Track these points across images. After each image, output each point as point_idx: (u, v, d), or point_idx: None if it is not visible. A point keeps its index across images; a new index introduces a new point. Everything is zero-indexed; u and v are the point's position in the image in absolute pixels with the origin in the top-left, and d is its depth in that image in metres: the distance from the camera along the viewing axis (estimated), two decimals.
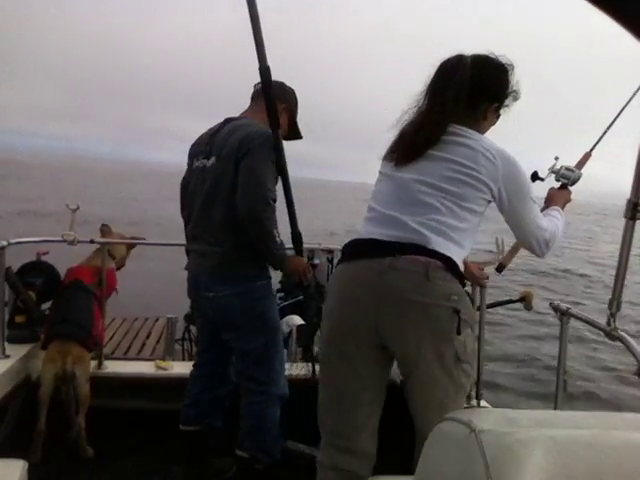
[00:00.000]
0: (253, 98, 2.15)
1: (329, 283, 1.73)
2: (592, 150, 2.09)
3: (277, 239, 1.95)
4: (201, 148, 2.09)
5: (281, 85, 2.13)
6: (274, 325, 2.13)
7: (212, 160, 2.01)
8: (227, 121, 2.10)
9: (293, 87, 2.19)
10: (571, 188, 1.92)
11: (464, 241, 1.51)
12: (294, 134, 2.18)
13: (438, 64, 1.58)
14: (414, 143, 1.53)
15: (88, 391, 2.50)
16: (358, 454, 1.56)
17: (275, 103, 1.98)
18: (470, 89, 1.53)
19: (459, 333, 1.43)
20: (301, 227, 2.18)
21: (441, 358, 1.45)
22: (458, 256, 1.49)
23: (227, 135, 2.01)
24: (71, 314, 2.62)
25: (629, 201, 1.60)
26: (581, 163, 2.01)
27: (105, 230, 3.05)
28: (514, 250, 2.06)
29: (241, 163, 1.92)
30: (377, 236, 1.50)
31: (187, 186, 2.16)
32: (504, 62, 1.61)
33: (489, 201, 1.54)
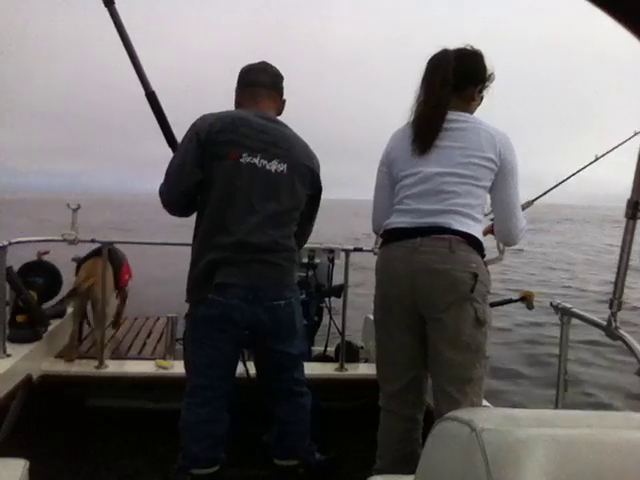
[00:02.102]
0: (262, 90, 1.98)
1: (377, 263, 1.92)
2: (534, 200, 2.48)
3: None
4: (252, 144, 1.86)
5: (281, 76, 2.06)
6: None
7: (280, 166, 1.88)
8: (264, 117, 1.92)
9: (286, 102, 2.11)
10: None
11: (480, 214, 1.80)
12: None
13: (427, 60, 1.84)
14: (424, 131, 1.81)
15: (108, 309, 3.09)
16: (403, 399, 1.89)
17: (169, 126, 2.16)
18: (457, 75, 1.80)
19: (472, 291, 1.70)
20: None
21: (464, 319, 1.71)
22: (477, 229, 1.78)
23: (289, 142, 1.93)
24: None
25: (630, 200, 1.61)
26: (522, 207, 2.26)
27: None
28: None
29: (318, 188, 2.03)
30: (409, 224, 1.79)
31: (232, 179, 1.85)
32: (480, 51, 1.90)
33: (496, 173, 1.79)
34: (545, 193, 2.63)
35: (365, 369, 2.97)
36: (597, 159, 2.64)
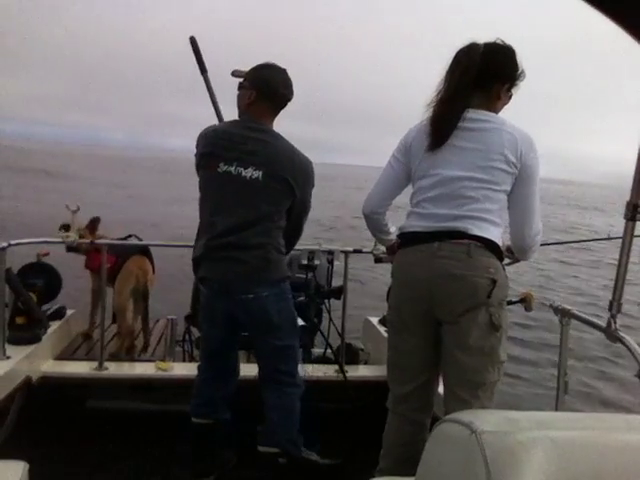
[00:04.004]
0: (258, 98, 2.07)
1: (393, 266, 1.91)
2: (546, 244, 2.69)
3: None
4: (230, 154, 2.05)
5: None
6: (297, 323, 2.28)
7: (256, 173, 2.02)
8: (251, 128, 2.07)
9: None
10: None
11: (499, 218, 1.77)
12: None
13: (455, 52, 1.78)
14: (440, 127, 1.77)
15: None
16: (412, 402, 1.88)
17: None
18: (482, 72, 1.74)
19: (490, 297, 1.69)
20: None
21: (479, 324, 1.70)
22: (496, 234, 1.75)
23: (269, 151, 2.04)
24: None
25: (629, 202, 1.61)
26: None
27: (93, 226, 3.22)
28: None
29: (301, 194, 2.10)
30: (427, 229, 1.77)
31: (209, 187, 2.12)
32: (511, 47, 1.80)
33: (516, 177, 1.74)
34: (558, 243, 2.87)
35: (365, 371, 2.97)
36: (610, 238, 2.86)
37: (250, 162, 2.03)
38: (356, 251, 2.96)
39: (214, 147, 2.09)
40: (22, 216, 12.23)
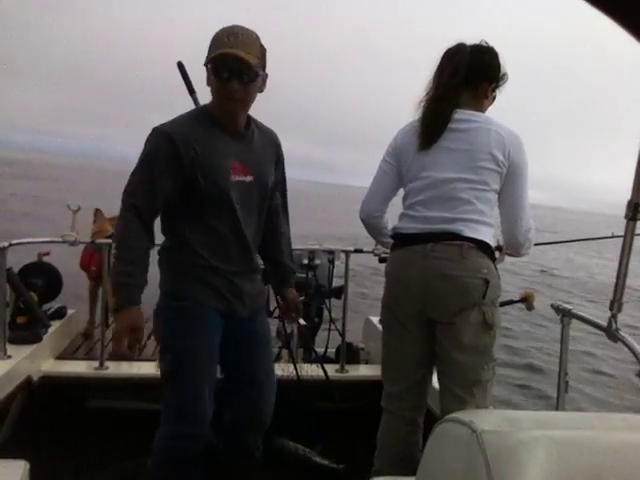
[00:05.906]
0: None
1: (386, 266, 1.92)
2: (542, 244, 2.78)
3: (113, 255, 1.62)
4: None
5: None
6: (173, 351, 1.84)
7: None
8: None
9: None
10: None
11: (490, 218, 1.79)
12: None
13: (442, 53, 1.82)
14: (431, 127, 1.79)
15: None
16: (405, 400, 1.89)
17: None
18: (470, 71, 1.78)
19: (484, 297, 1.71)
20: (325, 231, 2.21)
21: (473, 323, 1.72)
22: (488, 235, 1.77)
23: None
24: None
25: (630, 202, 1.60)
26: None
27: (97, 214, 3.31)
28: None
29: None
30: (420, 230, 1.79)
31: None
32: (494, 49, 1.86)
33: (504, 175, 1.76)
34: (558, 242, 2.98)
35: (365, 370, 2.97)
36: (614, 237, 2.92)
37: None
38: (357, 251, 2.95)
39: None
40: None
